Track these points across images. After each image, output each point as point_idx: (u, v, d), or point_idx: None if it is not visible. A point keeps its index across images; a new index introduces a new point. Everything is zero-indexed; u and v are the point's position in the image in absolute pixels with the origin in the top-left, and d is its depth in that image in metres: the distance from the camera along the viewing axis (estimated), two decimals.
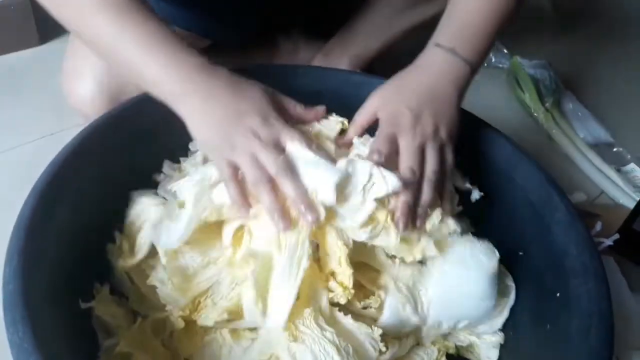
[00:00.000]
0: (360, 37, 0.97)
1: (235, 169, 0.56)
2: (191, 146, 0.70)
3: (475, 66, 0.64)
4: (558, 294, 0.59)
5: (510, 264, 0.67)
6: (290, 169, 0.55)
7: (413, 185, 0.57)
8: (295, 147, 0.56)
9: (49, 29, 1.07)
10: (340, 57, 0.98)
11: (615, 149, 1.08)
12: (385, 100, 0.62)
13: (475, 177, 0.71)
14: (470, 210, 0.70)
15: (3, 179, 0.84)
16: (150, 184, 0.66)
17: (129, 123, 0.66)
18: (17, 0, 1.01)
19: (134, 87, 0.58)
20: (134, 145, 0.66)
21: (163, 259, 0.57)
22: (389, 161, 0.57)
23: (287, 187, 0.54)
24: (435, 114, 0.61)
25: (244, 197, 0.55)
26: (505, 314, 0.63)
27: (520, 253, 0.67)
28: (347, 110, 0.65)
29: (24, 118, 0.94)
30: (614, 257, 0.81)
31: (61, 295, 0.53)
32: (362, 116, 0.63)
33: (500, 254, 0.67)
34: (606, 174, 1.01)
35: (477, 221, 0.71)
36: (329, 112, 0.65)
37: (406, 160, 0.58)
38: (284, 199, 0.54)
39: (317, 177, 0.55)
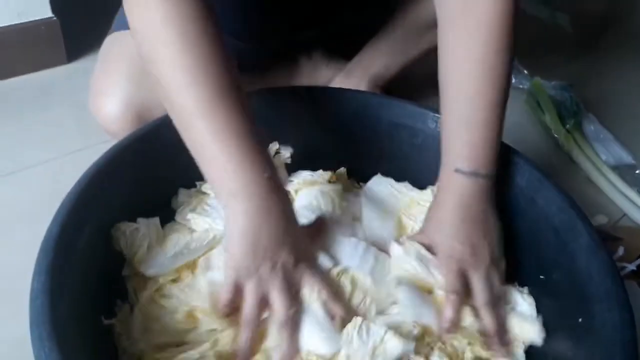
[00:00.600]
0: (380, 58, 0.98)
1: (239, 291, 0.54)
2: None
3: (495, 174, 0.64)
4: (580, 320, 0.58)
5: (532, 287, 0.67)
6: (296, 324, 0.55)
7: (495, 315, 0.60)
8: (311, 298, 0.56)
9: (77, 48, 1.10)
10: (361, 78, 0.98)
11: (637, 171, 1.07)
12: (437, 241, 0.62)
13: (497, 199, 0.71)
14: None
15: (30, 194, 0.85)
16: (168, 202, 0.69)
17: (154, 144, 0.67)
18: (46, 20, 1.04)
19: (160, 108, 0.59)
20: (157, 166, 0.67)
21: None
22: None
23: (283, 342, 0.54)
24: (485, 235, 0.62)
25: (227, 313, 0.55)
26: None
27: (542, 277, 0.66)
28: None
29: (52, 134, 0.95)
30: (636, 282, 0.80)
31: (85, 312, 0.54)
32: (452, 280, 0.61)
33: (521, 277, 0.68)
34: (628, 196, 1.00)
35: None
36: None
37: (481, 295, 0.60)
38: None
39: (317, 340, 0.55)
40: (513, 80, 1.21)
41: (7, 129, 0.95)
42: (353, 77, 1.00)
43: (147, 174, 0.66)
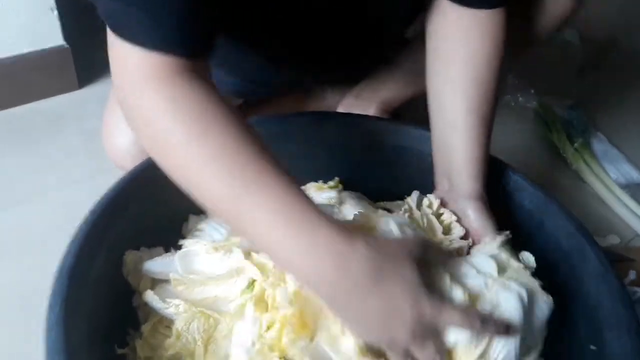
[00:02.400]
0: (391, 84, 0.99)
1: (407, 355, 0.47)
2: None
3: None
4: (592, 347, 0.58)
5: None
6: None
7: None
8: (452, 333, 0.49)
9: (88, 74, 1.11)
10: (371, 100, 0.99)
11: None
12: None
13: (506, 223, 0.71)
14: None
15: (40, 222, 0.86)
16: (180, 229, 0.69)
17: (163, 173, 0.68)
18: (58, 47, 1.06)
19: None
20: (167, 193, 0.68)
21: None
22: None
23: None
24: None
25: None
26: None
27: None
28: None
29: (63, 161, 0.97)
30: None
31: (98, 341, 0.55)
32: None
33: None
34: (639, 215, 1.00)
35: None
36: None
37: None
38: None
39: None
40: (520, 99, 1.21)
41: (19, 156, 0.97)
42: (362, 99, 1.00)
43: (157, 201, 0.67)
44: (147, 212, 0.66)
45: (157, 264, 0.63)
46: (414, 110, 0.98)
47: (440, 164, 0.69)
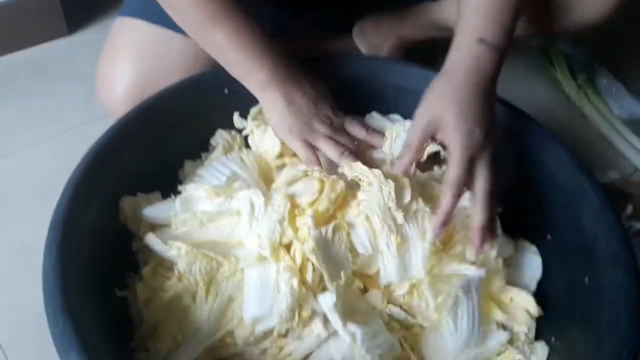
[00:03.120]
0: (414, 23, 0.94)
1: (313, 150, 0.66)
2: (212, 141, 0.72)
3: (507, 55, 0.62)
4: (586, 279, 0.59)
5: (539, 246, 0.67)
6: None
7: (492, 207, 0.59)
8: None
9: (77, 19, 1.08)
10: (389, 33, 0.96)
11: None
12: (450, 118, 0.58)
13: (504, 159, 0.70)
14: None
15: (35, 170, 0.86)
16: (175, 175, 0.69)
17: (157, 117, 0.67)
18: None
19: None
20: (161, 138, 0.68)
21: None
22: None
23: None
24: (494, 116, 0.60)
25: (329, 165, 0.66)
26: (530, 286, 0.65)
27: (549, 237, 0.66)
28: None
29: (55, 109, 0.95)
30: None
31: (98, 286, 0.55)
32: (418, 138, 0.60)
33: (528, 236, 0.68)
34: None
35: (506, 204, 0.71)
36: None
37: (483, 184, 0.58)
38: None
39: None
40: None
41: (12, 105, 0.95)
42: (382, 27, 0.97)
43: (151, 147, 0.67)
44: (141, 158, 0.66)
45: (157, 210, 0.63)
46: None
47: None
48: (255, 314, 0.55)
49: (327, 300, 0.55)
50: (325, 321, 0.56)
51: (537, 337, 0.62)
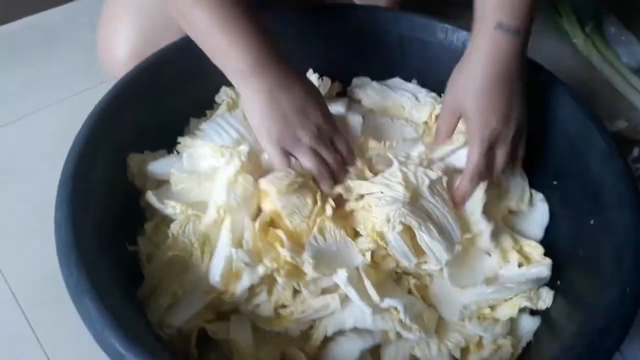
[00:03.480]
0: None
1: (289, 160, 0.60)
2: (217, 98, 0.72)
3: (529, 34, 0.62)
4: (592, 222, 0.59)
5: (545, 192, 0.67)
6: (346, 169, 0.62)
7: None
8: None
9: None
10: None
11: None
12: (470, 108, 0.61)
13: None
14: None
15: (42, 136, 0.87)
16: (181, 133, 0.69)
17: (161, 74, 0.67)
18: None
19: None
20: (167, 96, 0.68)
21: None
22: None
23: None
24: (519, 100, 0.61)
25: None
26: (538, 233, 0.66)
27: (555, 182, 0.66)
28: None
29: (58, 75, 0.95)
30: None
31: (110, 240, 0.56)
32: (446, 125, 0.64)
33: (535, 183, 0.68)
34: None
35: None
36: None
37: (499, 166, 0.62)
38: None
39: None
40: None
41: (15, 74, 0.95)
42: None
43: (156, 104, 0.67)
44: (147, 116, 0.66)
45: (161, 165, 0.64)
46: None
47: None
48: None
49: (340, 277, 0.56)
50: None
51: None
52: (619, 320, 0.49)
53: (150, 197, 0.61)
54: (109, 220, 0.58)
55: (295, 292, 0.57)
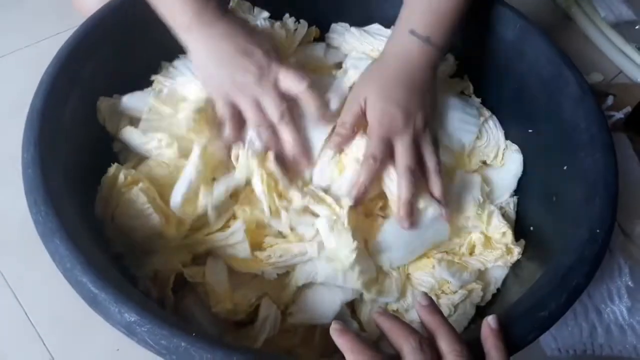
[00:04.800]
0: None
1: (235, 109, 0.59)
2: None
3: (445, 51, 0.63)
4: (565, 167, 0.60)
5: (520, 140, 0.68)
6: (291, 118, 0.59)
7: (412, 183, 0.58)
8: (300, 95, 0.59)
9: None
10: None
11: (637, 27, 1.04)
12: (371, 98, 0.60)
13: (486, 52, 0.70)
14: (479, 84, 0.70)
15: (11, 81, 0.84)
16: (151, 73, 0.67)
17: (128, 14, 0.65)
18: None
19: None
20: (136, 38, 0.65)
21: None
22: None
23: (285, 135, 0.58)
24: (422, 105, 0.60)
25: (238, 137, 0.59)
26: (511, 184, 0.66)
27: (530, 130, 0.66)
28: None
29: (27, 20, 0.92)
30: (627, 135, 0.80)
31: (79, 184, 0.55)
32: (349, 117, 0.60)
33: (510, 132, 0.68)
34: (625, 52, 0.98)
35: (486, 97, 0.71)
36: None
37: (403, 160, 0.58)
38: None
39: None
40: None
41: None
42: None
43: (126, 46, 0.64)
44: (117, 57, 0.64)
45: (135, 98, 0.62)
46: None
47: None
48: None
49: (322, 224, 0.56)
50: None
51: (516, 227, 0.64)
52: (588, 258, 0.50)
53: (129, 132, 0.60)
54: (80, 164, 0.56)
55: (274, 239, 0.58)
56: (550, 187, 0.62)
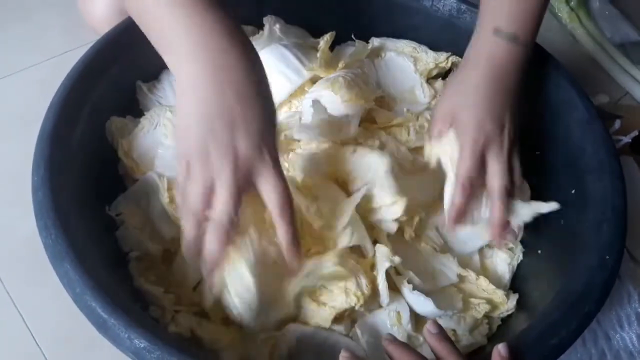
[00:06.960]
0: None
1: (188, 172, 0.46)
2: None
3: (532, 47, 0.60)
4: (573, 191, 0.60)
5: (528, 163, 0.67)
6: (230, 226, 0.45)
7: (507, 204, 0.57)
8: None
9: None
10: None
11: None
12: (462, 109, 0.57)
13: None
14: None
15: (18, 99, 0.84)
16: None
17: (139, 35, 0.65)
18: None
19: None
20: (143, 56, 0.65)
21: None
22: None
23: (208, 240, 0.46)
24: (513, 114, 0.58)
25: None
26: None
27: (537, 153, 0.66)
28: None
29: (35, 38, 0.92)
30: (634, 158, 0.80)
31: (88, 205, 0.55)
32: (438, 128, 0.59)
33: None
34: (632, 74, 0.98)
35: None
36: None
37: (499, 180, 0.56)
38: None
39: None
40: None
41: None
42: None
43: (132, 65, 0.65)
44: (128, 77, 0.64)
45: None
46: None
47: None
48: None
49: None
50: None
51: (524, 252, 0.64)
52: (599, 285, 0.50)
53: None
54: (88, 185, 0.56)
55: None
56: (558, 211, 0.62)
